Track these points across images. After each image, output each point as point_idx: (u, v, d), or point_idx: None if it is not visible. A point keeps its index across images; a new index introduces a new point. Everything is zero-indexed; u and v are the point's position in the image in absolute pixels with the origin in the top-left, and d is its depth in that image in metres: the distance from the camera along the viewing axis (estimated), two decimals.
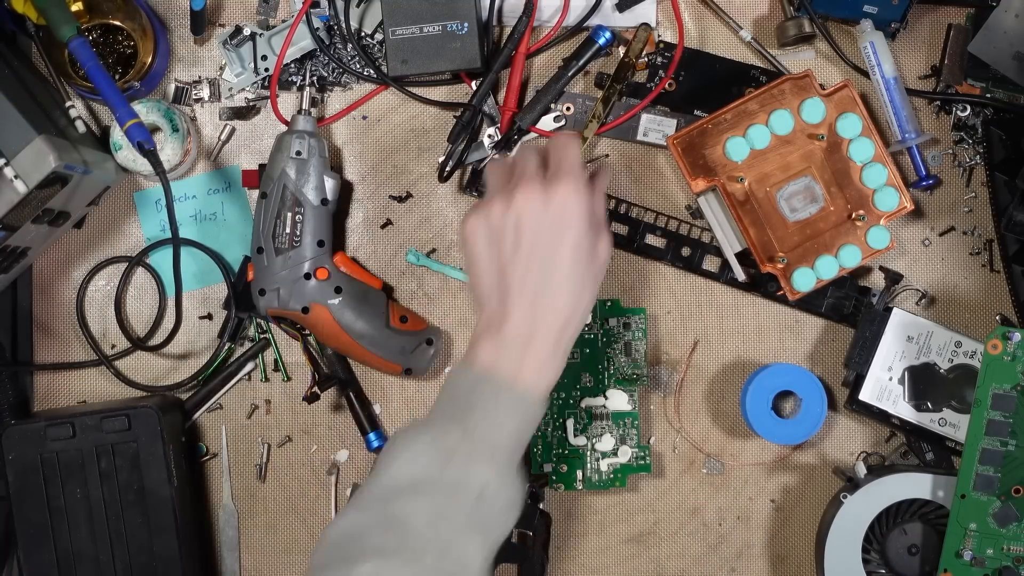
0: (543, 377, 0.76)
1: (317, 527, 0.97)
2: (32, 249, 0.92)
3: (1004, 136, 0.95)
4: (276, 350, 0.97)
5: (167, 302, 0.98)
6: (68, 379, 0.98)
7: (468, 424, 0.74)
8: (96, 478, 0.91)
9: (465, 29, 0.93)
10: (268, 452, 0.98)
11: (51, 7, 0.87)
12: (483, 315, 0.78)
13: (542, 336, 0.76)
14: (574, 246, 0.76)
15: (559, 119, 0.96)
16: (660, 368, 0.97)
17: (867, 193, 0.92)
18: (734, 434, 0.97)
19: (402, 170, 0.98)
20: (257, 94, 0.97)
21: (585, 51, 0.95)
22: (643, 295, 0.97)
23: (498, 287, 0.77)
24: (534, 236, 0.76)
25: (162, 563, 0.91)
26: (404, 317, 0.94)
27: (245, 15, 0.97)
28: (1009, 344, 0.88)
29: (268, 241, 0.91)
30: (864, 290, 0.96)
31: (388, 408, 0.98)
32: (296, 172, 0.91)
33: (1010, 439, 0.88)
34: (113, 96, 0.86)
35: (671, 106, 0.97)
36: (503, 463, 0.75)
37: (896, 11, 0.93)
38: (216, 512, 0.97)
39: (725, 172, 0.92)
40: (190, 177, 0.98)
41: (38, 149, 0.82)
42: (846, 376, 0.95)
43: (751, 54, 0.97)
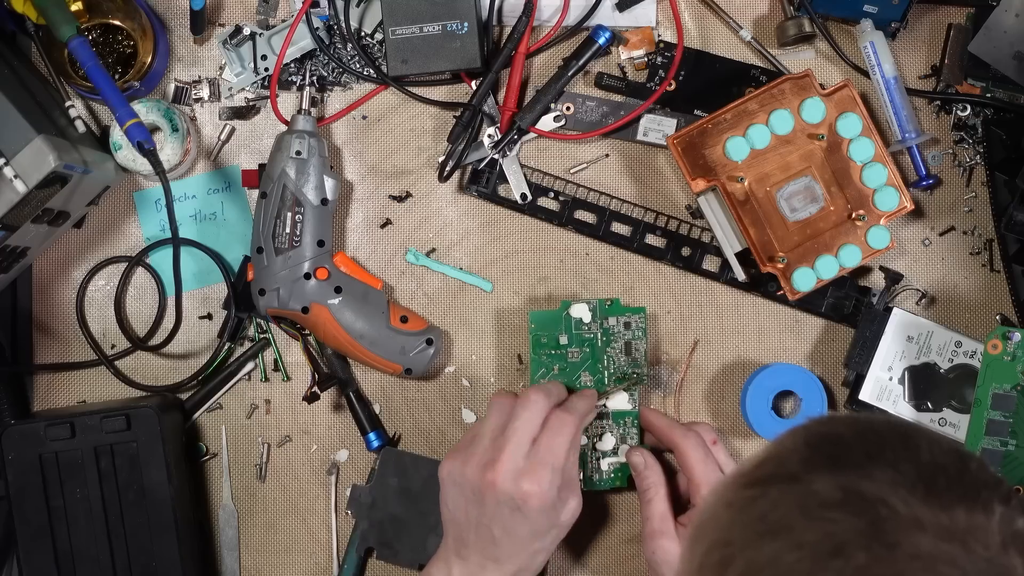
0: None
1: (317, 527, 0.97)
2: (32, 249, 0.92)
3: (1004, 136, 0.95)
4: (276, 350, 0.97)
5: (167, 302, 0.98)
6: (68, 379, 0.98)
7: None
8: (96, 478, 0.91)
9: (465, 29, 0.93)
10: (268, 452, 0.97)
11: (51, 7, 0.87)
12: (445, 540, 0.86)
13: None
14: (530, 531, 0.83)
15: (559, 119, 0.96)
16: (660, 368, 0.97)
17: (867, 193, 0.92)
18: (734, 434, 0.97)
19: (402, 170, 0.98)
20: (257, 94, 0.97)
21: (585, 51, 0.95)
22: (643, 295, 0.97)
23: (458, 534, 0.84)
24: (493, 516, 0.82)
25: (162, 563, 0.91)
26: (404, 317, 0.94)
27: (245, 15, 0.97)
28: (1009, 344, 0.88)
29: (268, 241, 0.91)
30: (864, 290, 0.96)
31: (388, 408, 0.98)
32: (296, 172, 0.91)
33: (1010, 439, 0.88)
34: (113, 96, 0.86)
35: (671, 106, 0.97)
36: None
37: (896, 11, 0.93)
38: (216, 512, 0.97)
39: (725, 172, 0.92)
40: (190, 177, 0.98)
41: (38, 149, 0.82)
42: (846, 376, 0.95)
43: (751, 54, 0.97)
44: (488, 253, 0.98)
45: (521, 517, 0.82)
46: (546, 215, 0.97)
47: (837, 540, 0.50)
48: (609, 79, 0.97)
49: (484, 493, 0.82)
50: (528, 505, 0.82)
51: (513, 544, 0.83)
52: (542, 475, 0.82)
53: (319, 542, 0.97)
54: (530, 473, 0.82)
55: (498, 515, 0.82)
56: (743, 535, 0.54)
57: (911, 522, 0.51)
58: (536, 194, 0.96)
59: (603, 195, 0.97)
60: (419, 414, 0.98)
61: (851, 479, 0.53)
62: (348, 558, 0.95)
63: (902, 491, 0.52)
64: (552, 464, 0.82)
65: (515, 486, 0.82)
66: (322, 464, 0.98)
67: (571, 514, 0.85)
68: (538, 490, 0.82)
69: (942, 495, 0.52)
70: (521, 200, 0.96)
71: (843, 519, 0.51)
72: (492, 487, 0.82)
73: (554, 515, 0.83)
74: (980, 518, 0.51)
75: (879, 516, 0.51)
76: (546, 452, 0.83)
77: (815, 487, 0.53)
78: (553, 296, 0.97)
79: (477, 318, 0.97)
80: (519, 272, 0.98)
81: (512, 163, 0.96)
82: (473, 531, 0.83)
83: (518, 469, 0.82)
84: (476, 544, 0.83)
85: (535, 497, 0.81)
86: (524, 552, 0.83)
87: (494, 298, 0.98)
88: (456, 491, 0.84)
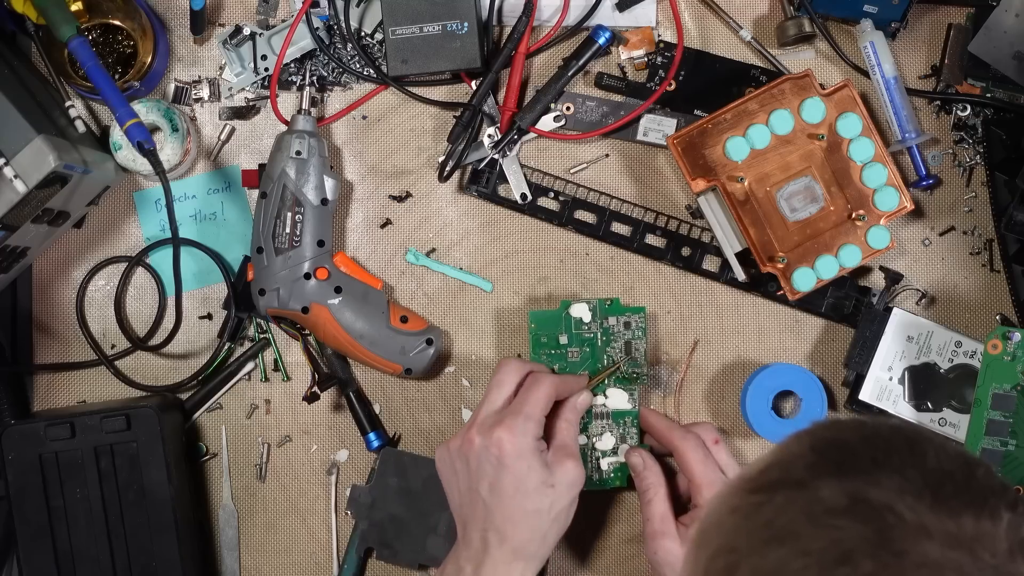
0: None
1: (317, 527, 0.97)
2: (32, 249, 0.92)
3: (1004, 136, 0.95)
4: (276, 350, 0.97)
5: (167, 302, 0.98)
6: (68, 379, 0.98)
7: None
8: (96, 478, 0.91)
9: (465, 29, 0.93)
10: (268, 452, 0.97)
11: (51, 7, 0.87)
12: (458, 535, 0.86)
13: (490, 567, 0.82)
14: (514, 483, 0.82)
15: (559, 119, 0.96)
16: (660, 368, 0.97)
17: (867, 193, 0.92)
18: (734, 434, 0.97)
19: (402, 170, 0.98)
20: (257, 94, 0.97)
21: (585, 51, 0.95)
22: (643, 295, 0.97)
23: (461, 514, 0.85)
24: (478, 475, 0.83)
25: (162, 563, 0.91)
26: (404, 317, 0.94)
27: (245, 15, 0.97)
28: (1009, 344, 0.88)
29: (268, 241, 0.91)
30: (864, 290, 0.96)
31: (388, 408, 0.98)
32: (296, 172, 0.91)
33: (1010, 439, 0.88)
34: (113, 96, 0.86)
35: (671, 106, 0.97)
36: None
37: (896, 11, 0.93)
38: (216, 512, 0.97)
39: (725, 172, 0.92)
40: (190, 177, 0.98)
41: (38, 149, 0.82)
42: (846, 376, 0.95)
43: (751, 54, 0.97)
44: (488, 253, 0.98)
45: (503, 468, 0.82)
46: (546, 215, 0.97)
47: (844, 547, 0.50)
48: (609, 79, 0.97)
49: (466, 455, 0.83)
50: (503, 451, 0.82)
51: (503, 504, 0.82)
52: (512, 421, 0.83)
53: (319, 542, 0.97)
54: (501, 422, 0.83)
55: (481, 472, 0.83)
56: (749, 541, 0.54)
57: (918, 529, 0.50)
58: (536, 194, 0.96)
59: (603, 195, 0.97)
60: (419, 414, 0.98)
61: (858, 485, 0.52)
62: (348, 558, 0.95)
63: (909, 498, 0.51)
64: (524, 412, 0.83)
65: (488, 435, 0.82)
66: (322, 464, 0.98)
67: (568, 475, 0.84)
68: (510, 435, 0.82)
69: (949, 502, 0.52)
70: (521, 200, 0.96)
71: (850, 526, 0.51)
72: (471, 444, 0.83)
73: (543, 472, 0.83)
74: (987, 525, 0.51)
75: (886, 523, 0.51)
76: (517, 403, 0.84)
77: (821, 493, 0.53)
78: (553, 296, 0.97)
79: (477, 318, 0.98)
80: (519, 272, 0.98)
81: (512, 163, 0.96)
82: (468, 502, 0.84)
83: (491, 421, 0.83)
84: (472, 516, 0.83)
85: (507, 442, 0.82)
86: (519, 514, 0.82)
87: (494, 298, 0.98)
88: (447, 468, 0.85)
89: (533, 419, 0.84)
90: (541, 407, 0.84)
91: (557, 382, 0.86)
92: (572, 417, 0.88)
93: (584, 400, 0.90)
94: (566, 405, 0.88)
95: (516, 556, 0.82)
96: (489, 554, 0.82)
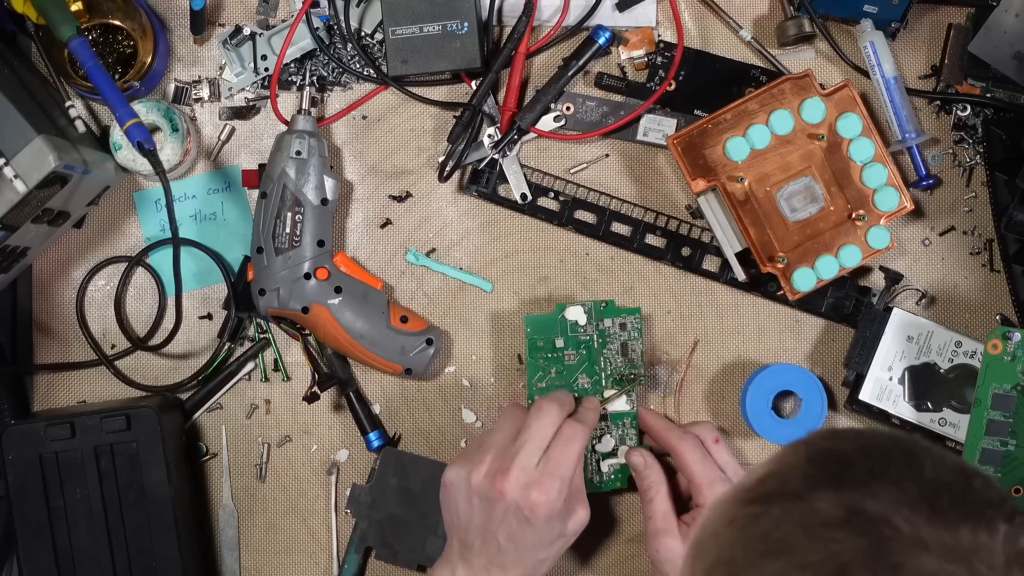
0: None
1: (317, 527, 0.97)
2: (32, 249, 0.92)
3: (1004, 136, 0.95)
4: (276, 350, 0.97)
5: (167, 302, 0.98)
6: (68, 379, 0.98)
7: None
8: (96, 478, 0.91)
9: (465, 29, 0.93)
10: (268, 452, 0.97)
11: (51, 7, 0.86)
12: (450, 543, 0.86)
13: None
14: (536, 539, 0.83)
15: (559, 119, 0.96)
16: (660, 368, 0.97)
17: (867, 193, 0.92)
18: (734, 434, 0.97)
19: (402, 170, 0.98)
20: (257, 94, 0.97)
21: (585, 51, 0.95)
22: (643, 295, 0.97)
23: (463, 538, 0.84)
24: (500, 523, 0.82)
25: (162, 563, 0.91)
26: (404, 317, 0.94)
27: (245, 15, 0.97)
28: (1009, 344, 0.88)
29: (268, 241, 0.91)
30: (864, 290, 0.96)
31: (388, 408, 0.98)
32: (296, 172, 0.91)
33: (1010, 439, 0.88)
34: (113, 96, 0.86)
35: (671, 106, 0.97)
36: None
37: (896, 11, 0.93)
38: (216, 512, 0.97)
39: (725, 172, 0.92)
40: (190, 177, 0.98)
41: (38, 149, 0.82)
42: (846, 376, 0.95)
43: (751, 54, 0.97)
44: (488, 253, 0.98)
45: (528, 527, 0.82)
46: (546, 215, 0.97)
47: (840, 561, 0.50)
48: (609, 79, 0.97)
49: (493, 501, 0.82)
50: (536, 515, 0.81)
51: (518, 552, 0.83)
52: (551, 486, 0.82)
53: (319, 542, 0.97)
54: (539, 483, 0.82)
55: (505, 523, 0.82)
56: (745, 554, 0.53)
57: (915, 542, 0.50)
58: (536, 194, 0.96)
59: (603, 195, 0.97)
60: (419, 414, 0.98)
61: (854, 497, 0.52)
62: (348, 558, 0.95)
63: (906, 510, 0.51)
64: (562, 475, 0.82)
65: (524, 496, 0.81)
66: (322, 464, 0.98)
67: (578, 524, 0.85)
68: (546, 500, 0.81)
69: (946, 514, 0.51)
70: (521, 200, 0.96)
71: (846, 539, 0.51)
72: (501, 496, 0.82)
73: (560, 525, 0.83)
74: (984, 537, 0.51)
75: (882, 536, 0.50)
76: (556, 463, 0.83)
77: (818, 506, 0.52)
78: (553, 296, 0.97)
79: (477, 318, 0.98)
80: (519, 272, 0.98)
81: (512, 163, 0.96)
82: (479, 537, 0.83)
83: (528, 479, 0.82)
84: (481, 550, 0.83)
85: (543, 507, 0.81)
86: (529, 560, 0.83)
87: (494, 298, 0.98)
88: (463, 498, 0.84)
89: (567, 480, 0.83)
90: (575, 466, 0.84)
91: (589, 433, 0.86)
92: (580, 452, 0.86)
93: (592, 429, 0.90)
94: (578, 447, 0.87)
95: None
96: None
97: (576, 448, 0.84)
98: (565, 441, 0.84)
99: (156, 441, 0.91)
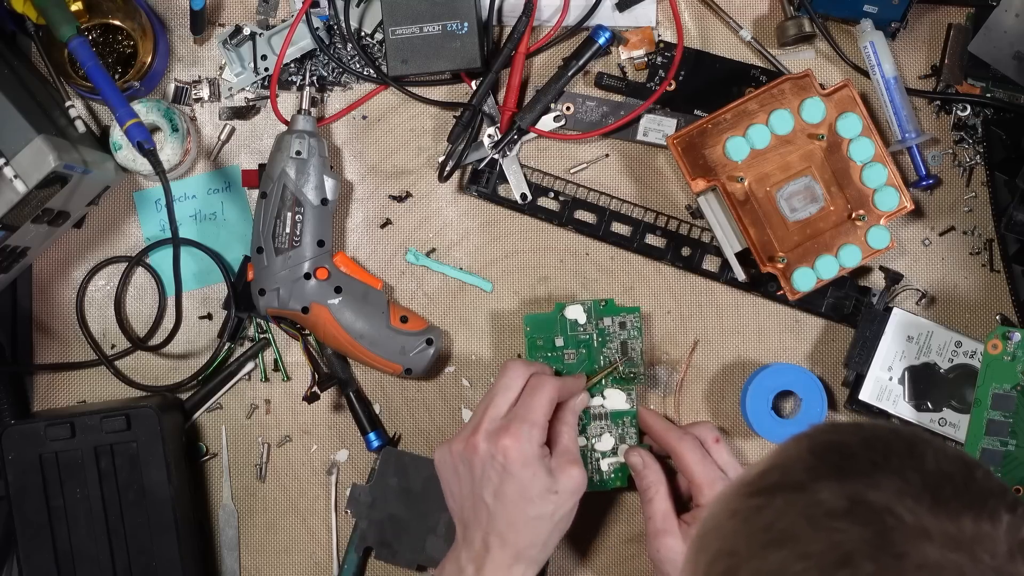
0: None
1: (317, 527, 0.97)
2: (32, 249, 0.92)
3: (1004, 136, 0.95)
4: (276, 350, 0.97)
5: (167, 302, 0.98)
6: (68, 379, 0.98)
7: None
8: (96, 478, 0.91)
9: (465, 29, 0.93)
10: (268, 452, 0.97)
11: (51, 7, 0.87)
12: (456, 537, 0.86)
13: (491, 568, 0.83)
14: (519, 490, 0.82)
15: (559, 119, 0.96)
16: (660, 368, 0.97)
17: (867, 193, 0.92)
18: (734, 434, 0.97)
19: (402, 170, 0.98)
20: (257, 94, 0.97)
21: (585, 51, 0.95)
22: (643, 295, 0.97)
23: (461, 516, 0.85)
24: (482, 482, 0.83)
25: (162, 563, 0.91)
26: (404, 317, 0.94)
27: (245, 15, 0.97)
28: (1009, 344, 0.88)
29: (268, 241, 0.91)
30: (864, 290, 0.96)
31: (388, 408, 0.98)
32: (296, 172, 0.91)
33: (1010, 439, 0.88)
34: (113, 96, 0.86)
35: (671, 106, 0.97)
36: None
37: (896, 11, 0.93)
38: (216, 512, 0.97)
39: (725, 172, 0.92)
40: (190, 177, 0.98)
41: (38, 149, 0.82)
42: (846, 376, 0.95)
43: (751, 54, 0.97)
44: (488, 253, 0.98)
45: (506, 475, 0.82)
46: (546, 215, 0.97)
47: (844, 550, 0.50)
48: (609, 79, 0.97)
49: (470, 461, 0.83)
50: (509, 459, 0.82)
51: (506, 509, 0.82)
52: (519, 428, 0.83)
53: (319, 542, 0.97)
54: (506, 428, 0.83)
55: (486, 479, 0.83)
56: (748, 545, 0.53)
57: (918, 531, 0.50)
58: (536, 194, 0.96)
59: (603, 195, 0.97)
60: (419, 414, 0.98)
61: (857, 488, 0.52)
62: (348, 558, 0.95)
63: (908, 500, 0.51)
64: (529, 419, 0.83)
65: (494, 443, 0.82)
66: (322, 464, 0.98)
67: (572, 482, 0.84)
68: (515, 443, 0.82)
69: (949, 504, 0.51)
70: (521, 200, 0.96)
71: (849, 528, 0.51)
72: (475, 450, 0.83)
73: (546, 478, 0.83)
74: (987, 527, 0.51)
75: (886, 525, 0.51)
76: (522, 409, 0.84)
77: (821, 496, 0.53)
78: (553, 296, 0.97)
79: (477, 318, 0.98)
80: (519, 272, 0.98)
81: (512, 163, 0.96)
82: (470, 506, 0.84)
83: (496, 428, 0.83)
84: (474, 519, 0.83)
85: (513, 450, 0.82)
86: (521, 520, 0.82)
87: (494, 298, 0.98)
88: (450, 471, 0.85)
89: (538, 425, 0.84)
90: (544, 412, 0.85)
91: (559, 385, 0.86)
92: (572, 420, 0.88)
93: (582, 401, 0.90)
94: (565, 407, 0.88)
95: (517, 559, 0.82)
96: (491, 556, 0.82)
97: (543, 395, 0.85)
98: (530, 390, 0.85)
99: (156, 441, 0.91)
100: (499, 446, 0.82)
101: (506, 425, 0.83)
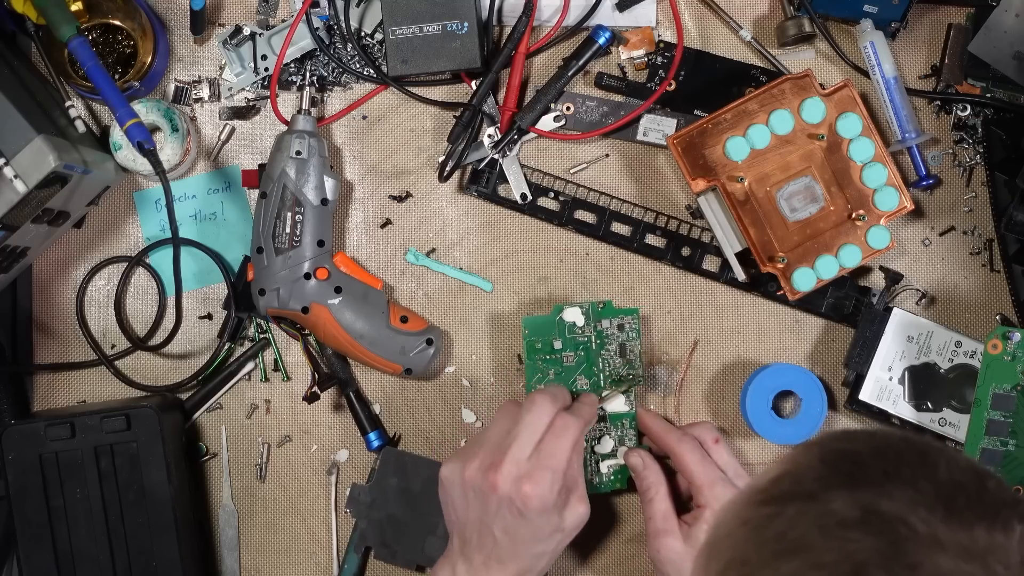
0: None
1: (317, 527, 0.97)
2: (32, 249, 0.92)
3: (1004, 136, 0.95)
4: (276, 350, 0.97)
5: (167, 302, 0.98)
6: (68, 379, 0.98)
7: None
8: (96, 478, 0.91)
9: (465, 29, 0.93)
10: (268, 452, 0.98)
11: (51, 7, 0.87)
12: (451, 541, 0.86)
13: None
14: (531, 533, 0.83)
15: (559, 119, 0.96)
16: (659, 368, 0.97)
17: (867, 193, 0.92)
18: (734, 434, 0.97)
19: (402, 170, 0.98)
20: (257, 94, 0.97)
21: (585, 51, 0.95)
22: (643, 295, 0.97)
23: (463, 533, 0.85)
24: (495, 517, 0.83)
25: (162, 563, 0.91)
26: (404, 317, 0.94)
27: (245, 15, 0.97)
28: (1009, 344, 0.88)
29: (268, 241, 0.91)
30: (864, 290, 0.96)
31: (388, 408, 0.98)
32: (296, 172, 0.91)
33: (1010, 439, 0.88)
34: (113, 96, 0.86)
35: (671, 106, 0.97)
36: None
37: (896, 11, 0.93)
38: (216, 512, 0.97)
39: (725, 172, 0.92)
40: (190, 177, 0.98)
41: (38, 149, 0.82)
42: (846, 376, 0.95)
43: (751, 54, 0.97)
44: (488, 253, 0.98)
45: (522, 519, 0.82)
46: (546, 215, 0.97)
47: (857, 560, 0.50)
48: (609, 79, 0.97)
49: (486, 495, 0.82)
50: (528, 507, 0.82)
51: (515, 545, 0.83)
52: (543, 477, 0.82)
53: (319, 542, 0.97)
54: (531, 476, 0.82)
55: (499, 517, 0.82)
56: (760, 554, 0.53)
57: (931, 541, 0.50)
58: (536, 194, 0.96)
59: (603, 195, 0.97)
60: (419, 414, 0.98)
61: (870, 497, 0.52)
62: (348, 558, 0.95)
63: (921, 510, 0.51)
64: (553, 467, 0.82)
65: (516, 488, 0.82)
66: (322, 464, 0.98)
67: (577, 518, 0.85)
68: (538, 492, 0.81)
69: (962, 514, 0.51)
70: (521, 200, 0.96)
71: (862, 539, 0.51)
72: (494, 489, 0.82)
73: (556, 519, 0.83)
74: (1000, 537, 0.51)
75: (899, 536, 0.50)
76: (548, 455, 0.83)
77: (833, 506, 0.52)
78: (553, 296, 0.97)
79: (477, 318, 0.98)
80: (519, 272, 0.98)
81: (512, 163, 0.96)
82: (476, 532, 0.84)
83: (520, 472, 0.82)
84: (479, 544, 0.83)
85: (535, 499, 0.81)
86: (526, 553, 0.83)
87: (494, 298, 0.98)
88: (458, 493, 0.84)
89: (560, 472, 0.83)
90: (568, 459, 0.83)
91: (583, 427, 0.85)
92: (580, 447, 0.87)
93: (589, 426, 0.89)
94: (577, 441, 0.87)
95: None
96: (490, 575, 0.84)
97: (568, 440, 0.83)
98: (557, 433, 0.83)
99: (156, 441, 0.91)
100: (521, 493, 0.81)
101: (530, 473, 0.82)
